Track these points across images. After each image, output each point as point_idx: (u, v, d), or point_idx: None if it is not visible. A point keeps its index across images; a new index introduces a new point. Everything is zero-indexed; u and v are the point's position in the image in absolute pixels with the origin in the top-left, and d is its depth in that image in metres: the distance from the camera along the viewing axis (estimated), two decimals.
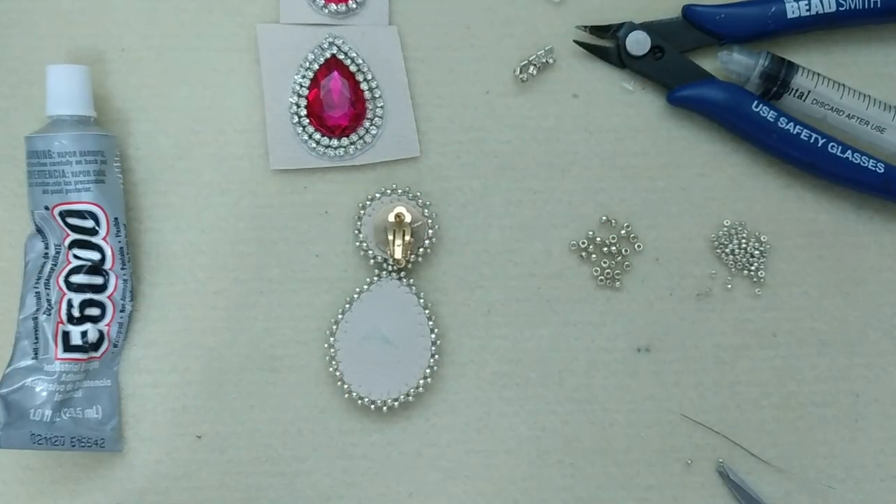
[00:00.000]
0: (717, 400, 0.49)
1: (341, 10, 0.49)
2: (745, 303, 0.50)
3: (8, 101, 0.49)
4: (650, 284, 0.50)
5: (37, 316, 0.46)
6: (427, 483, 0.48)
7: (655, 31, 0.49)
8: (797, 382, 0.50)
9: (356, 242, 0.48)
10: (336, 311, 0.48)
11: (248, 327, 0.49)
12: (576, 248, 0.50)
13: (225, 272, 0.49)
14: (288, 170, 0.49)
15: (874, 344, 0.50)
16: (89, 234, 0.46)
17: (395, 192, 0.49)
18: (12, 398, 0.45)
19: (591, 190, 0.50)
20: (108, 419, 0.47)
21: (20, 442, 0.44)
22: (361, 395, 0.48)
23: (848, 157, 0.48)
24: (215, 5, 0.50)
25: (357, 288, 0.48)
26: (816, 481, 0.49)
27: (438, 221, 0.49)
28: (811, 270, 0.50)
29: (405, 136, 0.49)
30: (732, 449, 0.49)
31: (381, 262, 0.48)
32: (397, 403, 0.48)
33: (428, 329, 0.48)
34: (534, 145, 0.50)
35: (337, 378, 0.48)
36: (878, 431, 0.50)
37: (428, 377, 0.48)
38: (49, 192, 0.45)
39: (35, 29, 0.49)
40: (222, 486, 0.48)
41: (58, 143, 0.45)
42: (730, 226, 0.50)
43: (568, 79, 0.50)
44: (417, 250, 0.48)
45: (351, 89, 0.49)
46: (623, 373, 0.49)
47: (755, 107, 0.48)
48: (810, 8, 0.48)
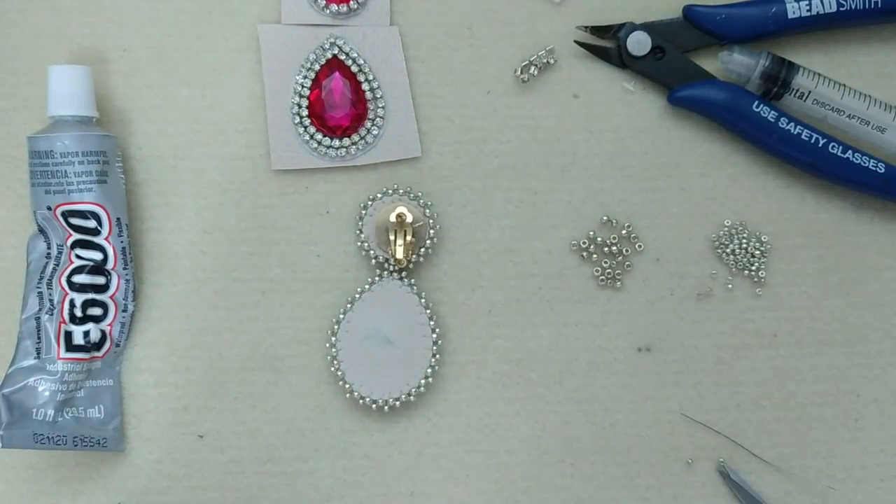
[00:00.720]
0: (718, 400, 0.49)
1: (342, 10, 0.49)
2: (746, 303, 0.50)
3: (9, 101, 0.49)
4: (651, 284, 0.50)
5: (39, 316, 0.46)
6: (428, 483, 0.49)
7: (656, 31, 0.50)
8: (797, 382, 0.50)
9: (357, 242, 0.48)
10: (338, 311, 0.48)
11: (249, 327, 0.49)
12: (576, 248, 0.50)
13: (226, 272, 0.49)
14: (289, 170, 0.49)
15: (874, 344, 0.50)
16: (91, 235, 0.46)
17: (397, 192, 0.49)
18: (15, 398, 0.45)
19: (592, 190, 0.50)
20: (110, 419, 0.47)
21: (23, 441, 0.45)
22: (363, 394, 0.48)
23: (848, 158, 0.48)
24: (216, 5, 0.50)
25: (358, 288, 0.48)
26: (816, 481, 0.49)
27: (439, 221, 0.49)
28: (811, 270, 0.50)
29: (406, 137, 0.49)
30: (733, 449, 0.49)
31: (383, 262, 0.48)
32: (398, 403, 0.48)
33: (429, 329, 0.48)
34: (534, 145, 0.50)
35: (338, 378, 0.48)
36: (878, 431, 0.50)
37: (429, 377, 0.48)
38: (51, 193, 0.46)
39: (36, 29, 0.49)
40: (224, 486, 0.48)
41: (60, 143, 0.45)
42: (730, 226, 0.50)
43: (569, 79, 0.50)
44: (419, 250, 0.48)
45: (352, 90, 0.49)
46: (624, 373, 0.49)
47: (756, 107, 0.48)
48: (811, 8, 0.48)
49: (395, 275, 0.49)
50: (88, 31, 0.49)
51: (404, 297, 0.48)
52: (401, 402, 0.48)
